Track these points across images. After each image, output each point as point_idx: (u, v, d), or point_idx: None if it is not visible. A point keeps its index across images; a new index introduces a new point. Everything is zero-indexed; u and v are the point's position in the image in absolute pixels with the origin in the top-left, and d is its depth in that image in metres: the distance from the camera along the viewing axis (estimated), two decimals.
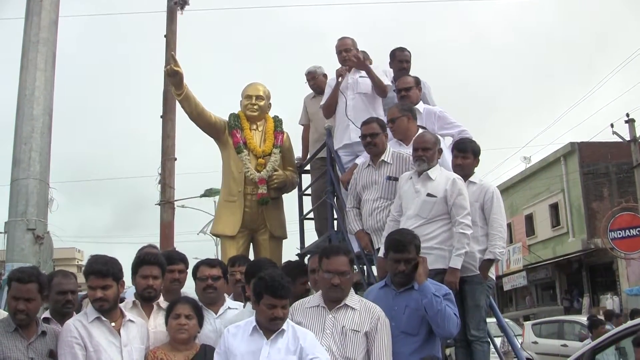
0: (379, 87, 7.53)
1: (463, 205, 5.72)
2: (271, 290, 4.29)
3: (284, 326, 4.37)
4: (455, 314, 4.81)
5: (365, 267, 7.06)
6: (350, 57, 7.58)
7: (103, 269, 4.54)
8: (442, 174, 5.91)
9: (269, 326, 4.32)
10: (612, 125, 25.09)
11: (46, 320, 4.96)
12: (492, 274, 6.09)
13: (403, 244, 4.97)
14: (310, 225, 8.83)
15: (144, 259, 5.06)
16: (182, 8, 12.89)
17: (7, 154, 7.35)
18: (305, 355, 4.25)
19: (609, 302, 25.73)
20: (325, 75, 8.68)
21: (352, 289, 4.90)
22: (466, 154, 6.21)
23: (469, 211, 5.73)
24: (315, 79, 8.71)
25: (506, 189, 35.34)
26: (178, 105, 9.43)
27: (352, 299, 4.77)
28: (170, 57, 7.97)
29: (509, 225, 34.90)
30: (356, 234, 6.54)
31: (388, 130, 6.65)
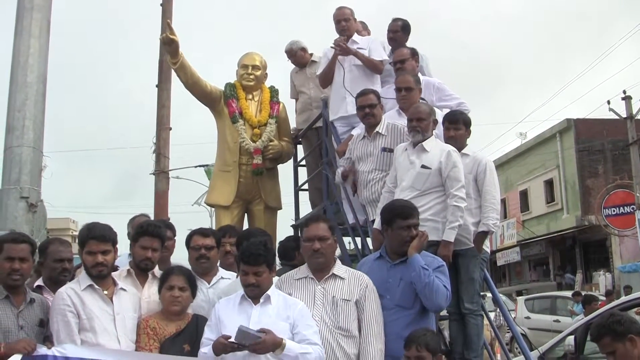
0: (370, 67, 7.50)
1: (457, 177, 5.68)
2: (242, 257, 4.44)
3: (271, 293, 4.43)
4: (445, 287, 4.79)
5: (360, 238, 7.04)
6: (338, 42, 7.51)
7: (104, 234, 4.58)
8: (437, 146, 5.88)
9: (247, 292, 4.40)
10: (608, 102, 25.12)
11: (39, 288, 4.95)
12: (486, 246, 6.09)
13: (410, 209, 5.01)
14: (305, 197, 8.85)
15: (146, 229, 5.04)
16: None
17: (1, 121, 7.31)
18: (295, 326, 4.30)
19: (602, 278, 25.91)
20: (303, 49, 8.75)
21: (337, 259, 4.91)
22: (458, 125, 6.16)
23: (463, 184, 5.70)
24: (294, 55, 8.76)
25: (501, 165, 35.40)
26: (174, 75, 9.36)
27: (339, 268, 4.79)
28: (166, 25, 7.91)
29: (504, 201, 35.00)
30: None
31: (387, 100, 6.62)
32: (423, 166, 5.76)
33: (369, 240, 6.55)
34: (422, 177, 5.76)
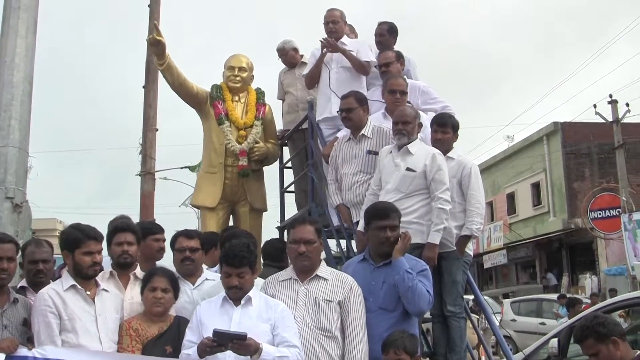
0: (357, 67, 7.52)
1: (442, 180, 5.71)
2: (226, 258, 4.44)
3: (253, 295, 4.43)
4: (428, 291, 4.80)
5: (345, 241, 7.05)
6: (325, 43, 7.54)
7: (100, 235, 4.65)
8: (422, 149, 5.91)
9: (229, 294, 4.41)
10: (594, 106, 25.28)
11: (22, 289, 4.95)
12: (469, 249, 6.12)
13: (387, 210, 5.02)
14: (291, 199, 8.85)
15: (117, 226, 5.11)
16: None
17: None
18: (275, 328, 4.31)
19: (588, 281, 26.03)
20: (295, 49, 8.76)
21: (322, 260, 4.92)
22: (446, 129, 6.18)
23: (447, 186, 5.72)
24: (285, 54, 8.77)
25: (489, 167, 35.52)
26: (160, 76, 9.37)
27: (324, 269, 4.80)
28: (153, 27, 7.93)
29: (491, 204, 35.14)
30: (337, 207, 6.54)
31: (373, 103, 6.63)
32: (408, 169, 5.79)
33: (353, 243, 6.57)
34: (407, 179, 5.78)
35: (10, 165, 6.96)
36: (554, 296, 20.43)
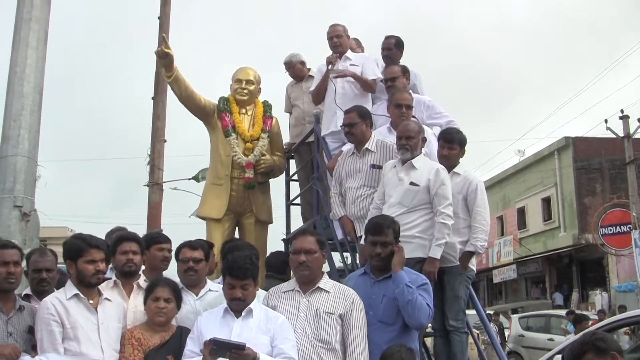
0: (364, 87, 7.60)
1: (445, 195, 5.75)
2: (229, 270, 4.48)
3: (254, 307, 4.48)
4: (428, 305, 4.83)
5: (348, 254, 7.09)
6: (330, 60, 7.64)
7: (103, 243, 4.74)
8: (426, 164, 5.95)
9: (231, 306, 4.46)
10: (606, 121, 25.17)
11: (27, 297, 5.02)
12: (472, 265, 6.13)
13: (380, 226, 5.03)
14: (297, 211, 8.90)
15: (121, 236, 5.22)
16: None
17: None
18: (273, 339, 4.35)
19: (598, 298, 25.84)
20: (302, 63, 8.85)
21: (325, 273, 4.96)
22: (452, 145, 6.21)
23: (450, 201, 5.76)
24: (292, 67, 8.86)
25: (499, 181, 35.44)
26: (169, 87, 9.45)
27: (326, 282, 4.84)
28: (162, 39, 8.00)
29: (501, 218, 35.03)
30: (340, 219, 6.58)
31: (378, 117, 6.67)
32: (412, 183, 5.83)
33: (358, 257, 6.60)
34: (410, 194, 5.82)
35: (19, 175, 7.04)
36: (563, 312, 20.32)
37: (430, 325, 5.97)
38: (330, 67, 7.60)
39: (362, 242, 5.82)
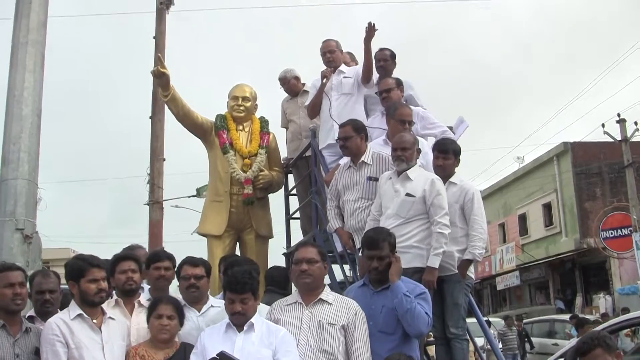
0: (366, 73, 7.63)
1: (441, 205, 5.81)
2: (229, 285, 4.56)
3: (255, 321, 4.54)
4: (427, 313, 4.88)
5: (348, 266, 7.14)
6: (324, 74, 7.78)
7: (102, 263, 4.79)
8: (421, 174, 6.01)
9: (232, 320, 4.52)
10: (603, 126, 25.27)
11: (31, 318, 5.06)
12: (471, 272, 6.19)
13: (376, 240, 5.08)
14: (296, 225, 8.95)
15: (118, 257, 5.28)
16: (167, 8, 13.11)
17: None
18: (275, 352, 4.41)
19: (602, 301, 25.81)
20: (296, 78, 8.93)
21: (327, 286, 5.01)
22: (447, 155, 6.27)
23: (446, 211, 5.82)
24: (287, 83, 8.95)
25: (500, 189, 35.46)
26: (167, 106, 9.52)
27: (328, 294, 4.90)
28: (157, 59, 8.08)
29: (502, 225, 35.01)
30: (336, 231, 6.64)
31: (374, 130, 6.73)
32: (407, 194, 5.88)
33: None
34: (406, 204, 5.87)
35: (20, 197, 7.09)
36: (567, 317, 20.32)
37: (431, 333, 6.03)
38: (324, 80, 7.69)
39: (360, 254, 5.87)
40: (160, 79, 7.80)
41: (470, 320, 6.37)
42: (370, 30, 7.36)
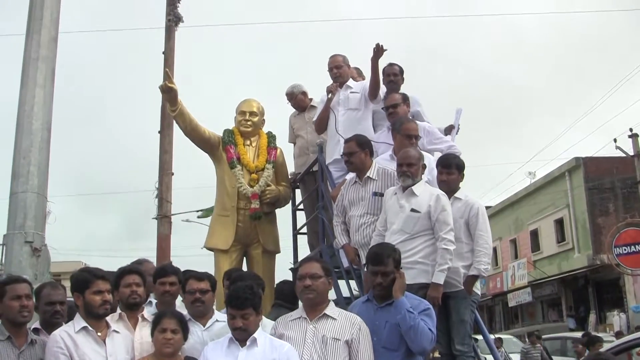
0: (373, 88, 7.66)
1: (446, 221, 5.80)
2: (229, 300, 4.60)
3: (258, 336, 4.56)
4: (430, 330, 4.86)
5: (354, 281, 7.12)
6: (330, 89, 7.82)
7: (107, 275, 4.85)
8: (426, 190, 6.01)
9: (235, 335, 4.54)
10: (615, 140, 25.14)
11: (36, 330, 5.08)
12: (477, 289, 6.16)
13: (380, 256, 5.07)
14: (304, 240, 8.96)
15: (123, 270, 5.32)
16: (176, 25, 13.25)
17: (7, 168, 7.50)
18: None
19: (616, 319, 25.57)
20: (304, 93, 8.99)
21: (331, 301, 5.01)
22: (450, 170, 6.27)
23: (452, 227, 5.81)
24: (294, 98, 9.00)
25: (511, 204, 35.30)
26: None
27: (332, 309, 4.90)
28: (165, 74, 8.14)
29: (514, 241, 34.82)
30: (343, 247, 6.64)
31: (380, 145, 6.74)
32: (413, 210, 5.88)
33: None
34: (411, 220, 5.87)
35: (29, 211, 7.14)
36: (579, 334, 20.15)
37: (438, 350, 6.00)
38: (330, 96, 7.72)
39: (366, 269, 5.87)
40: (168, 94, 7.85)
41: (479, 337, 6.34)
42: (379, 51, 7.39)
